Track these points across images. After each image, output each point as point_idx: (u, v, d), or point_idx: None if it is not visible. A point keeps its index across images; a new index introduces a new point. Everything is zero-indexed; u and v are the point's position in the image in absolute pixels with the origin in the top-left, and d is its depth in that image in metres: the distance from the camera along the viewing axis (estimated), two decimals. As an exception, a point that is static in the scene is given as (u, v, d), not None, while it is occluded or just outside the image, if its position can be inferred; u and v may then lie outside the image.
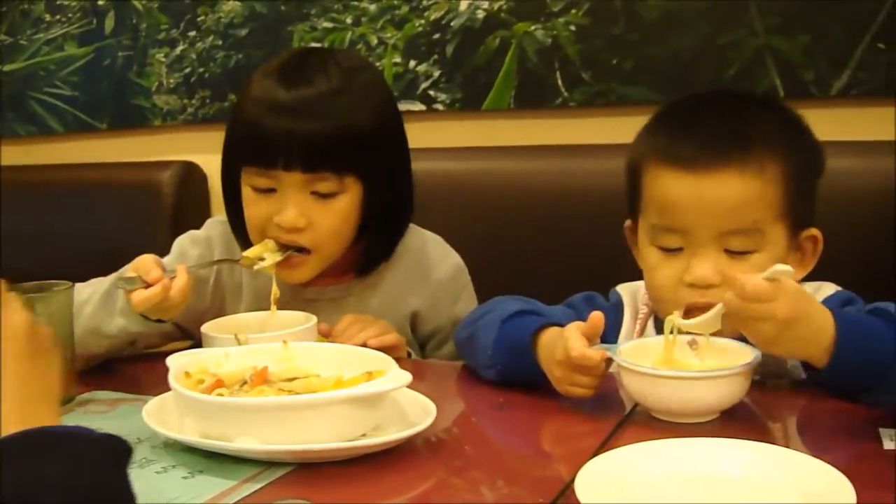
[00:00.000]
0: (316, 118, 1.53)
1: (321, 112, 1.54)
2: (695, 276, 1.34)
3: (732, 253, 1.34)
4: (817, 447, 1.13)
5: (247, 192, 1.60)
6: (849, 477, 0.95)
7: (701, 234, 1.34)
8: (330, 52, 1.71)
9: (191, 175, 2.47)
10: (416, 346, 1.74)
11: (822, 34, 1.93)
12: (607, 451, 1.06)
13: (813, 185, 1.42)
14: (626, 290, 1.55)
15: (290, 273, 1.61)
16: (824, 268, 1.43)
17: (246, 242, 1.63)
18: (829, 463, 0.99)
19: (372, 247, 1.67)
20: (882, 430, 1.15)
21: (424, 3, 2.24)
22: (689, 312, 1.31)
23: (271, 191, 1.57)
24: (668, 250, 1.38)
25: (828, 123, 1.46)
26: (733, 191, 1.32)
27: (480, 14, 2.18)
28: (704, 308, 1.27)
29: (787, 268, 1.14)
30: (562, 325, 1.30)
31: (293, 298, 1.64)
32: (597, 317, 1.26)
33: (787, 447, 1.06)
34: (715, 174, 1.33)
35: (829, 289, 1.44)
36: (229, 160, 1.64)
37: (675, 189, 1.35)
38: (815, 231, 1.40)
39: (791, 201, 1.35)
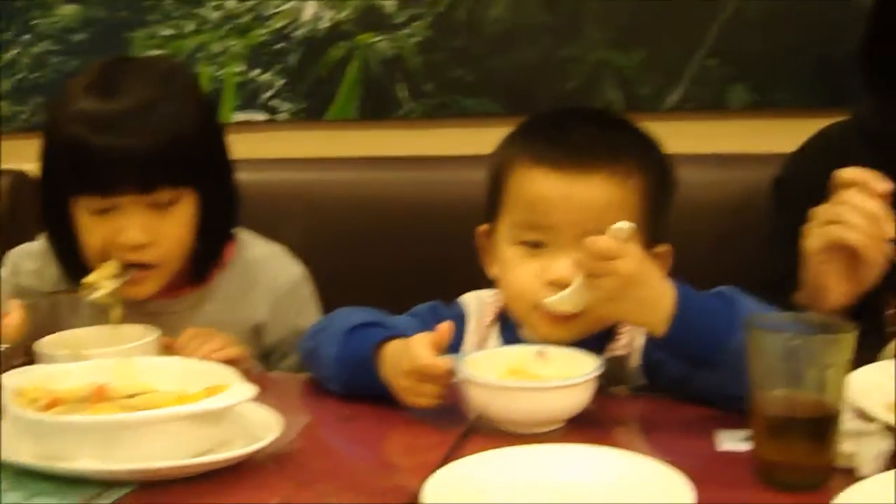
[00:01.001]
0: (143, 133, 1.48)
1: (147, 126, 1.49)
2: (556, 273, 1.36)
3: None
4: (658, 450, 1.15)
5: (81, 218, 1.54)
6: (689, 477, 0.98)
7: (564, 233, 1.36)
8: (142, 61, 1.67)
9: (23, 185, 2.38)
10: (261, 359, 1.71)
11: (657, 50, 2.00)
12: (454, 461, 1.06)
13: (667, 202, 1.47)
14: (472, 300, 1.56)
15: (135, 290, 1.56)
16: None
17: (75, 269, 1.57)
18: (669, 465, 1.02)
19: (204, 254, 1.64)
20: (718, 432, 1.19)
21: (268, 11, 2.21)
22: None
23: (106, 211, 1.52)
24: (530, 246, 1.40)
25: (662, 137, 1.52)
26: (600, 193, 1.37)
27: (324, 24, 2.17)
28: (559, 319, 1.33)
29: (629, 224, 1.18)
30: (406, 336, 1.30)
31: (134, 313, 1.60)
32: (445, 327, 1.27)
33: (630, 451, 1.09)
34: (584, 176, 1.37)
35: None
36: (53, 186, 1.57)
37: (545, 186, 1.38)
38: (667, 247, 1.46)
39: (648, 215, 1.40)
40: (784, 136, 1.73)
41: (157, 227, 1.53)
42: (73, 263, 1.58)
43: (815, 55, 1.95)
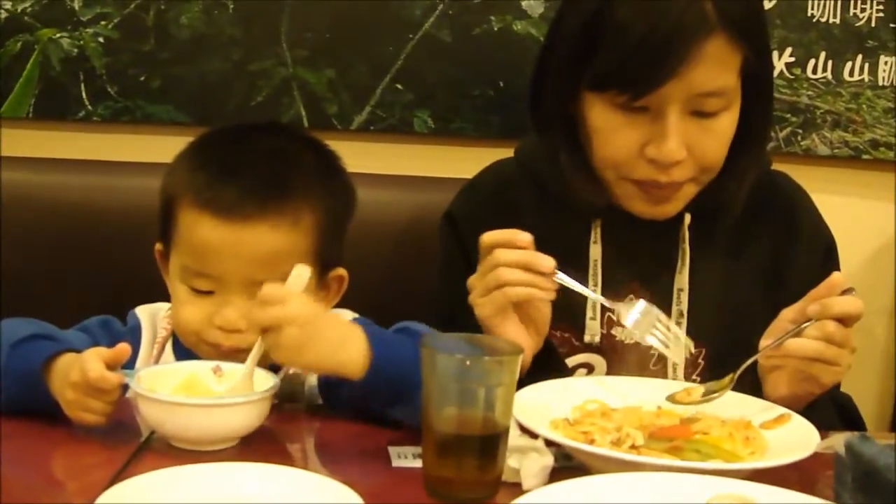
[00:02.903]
0: None
1: None
2: (224, 320, 1.37)
3: None
4: (333, 467, 1.17)
5: None
6: (362, 494, 1.00)
7: (232, 281, 1.38)
8: None
9: None
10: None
11: (346, 70, 2.02)
12: (124, 480, 1.03)
13: (343, 228, 1.49)
14: (145, 313, 1.52)
15: None
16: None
17: None
18: (344, 482, 1.02)
19: None
20: (391, 449, 1.22)
21: (-64, -4, 2.06)
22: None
23: None
24: (199, 292, 1.40)
25: (348, 157, 1.54)
26: (267, 243, 1.37)
27: (2, 14, 2.04)
28: (229, 352, 1.34)
29: (307, 269, 1.20)
30: (78, 351, 1.24)
31: None
32: (123, 348, 1.22)
33: (305, 469, 1.09)
34: (251, 225, 1.37)
35: (346, 315, 1.51)
36: None
37: (211, 237, 1.37)
38: (341, 271, 1.49)
39: (322, 248, 1.42)
40: (464, 162, 1.80)
41: None
42: None
43: (494, 87, 2.04)
